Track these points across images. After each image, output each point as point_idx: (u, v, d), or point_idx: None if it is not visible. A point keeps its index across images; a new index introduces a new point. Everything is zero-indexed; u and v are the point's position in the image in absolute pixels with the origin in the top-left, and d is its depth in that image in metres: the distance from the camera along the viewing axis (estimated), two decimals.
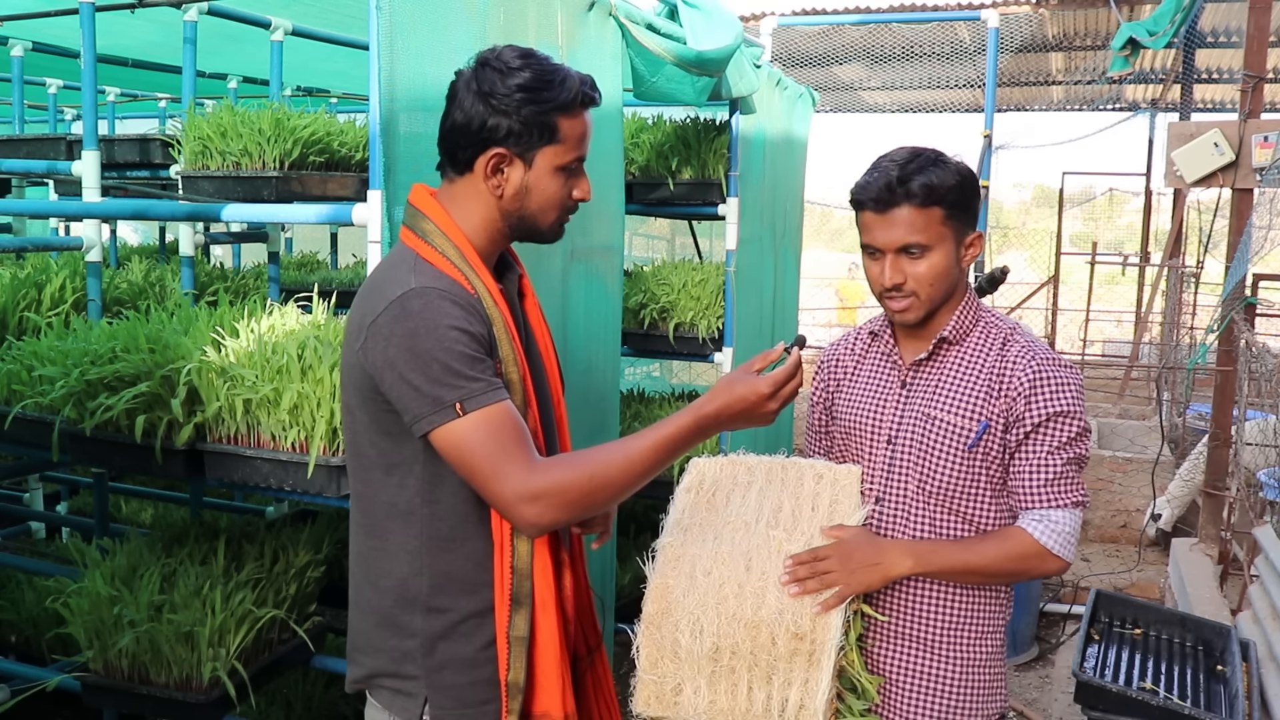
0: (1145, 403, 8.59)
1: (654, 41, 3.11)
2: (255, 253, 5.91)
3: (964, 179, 1.75)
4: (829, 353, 2.02)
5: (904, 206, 1.70)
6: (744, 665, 1.59)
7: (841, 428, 1.91)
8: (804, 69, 8.95)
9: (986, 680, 1.82)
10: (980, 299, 1.91)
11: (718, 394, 1.53)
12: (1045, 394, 1.73)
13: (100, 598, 2.31)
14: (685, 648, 1.60)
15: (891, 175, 1.70)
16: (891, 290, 1.76)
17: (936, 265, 1.73)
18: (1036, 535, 1.71)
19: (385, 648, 1.60)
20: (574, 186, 1.63)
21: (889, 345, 1.88)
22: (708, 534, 1.71)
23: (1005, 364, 1.77)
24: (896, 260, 1.73)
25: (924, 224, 1.71)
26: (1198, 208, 8.85)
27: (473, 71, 1.56)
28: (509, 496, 1.45)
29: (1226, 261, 4.93)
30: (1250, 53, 4.80)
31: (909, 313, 1.77)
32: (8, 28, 4.15)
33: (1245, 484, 4.55)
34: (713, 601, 1.61)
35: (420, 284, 1.49)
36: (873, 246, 1.76)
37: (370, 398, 1.53)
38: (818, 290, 15.35)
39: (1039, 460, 1.73)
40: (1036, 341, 1.82)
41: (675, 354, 3.94)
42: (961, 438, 1.75)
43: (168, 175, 3.18)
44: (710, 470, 1.85)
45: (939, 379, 1.81)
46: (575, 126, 1.58)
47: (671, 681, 1.61)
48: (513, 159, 1.56)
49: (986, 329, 1.82)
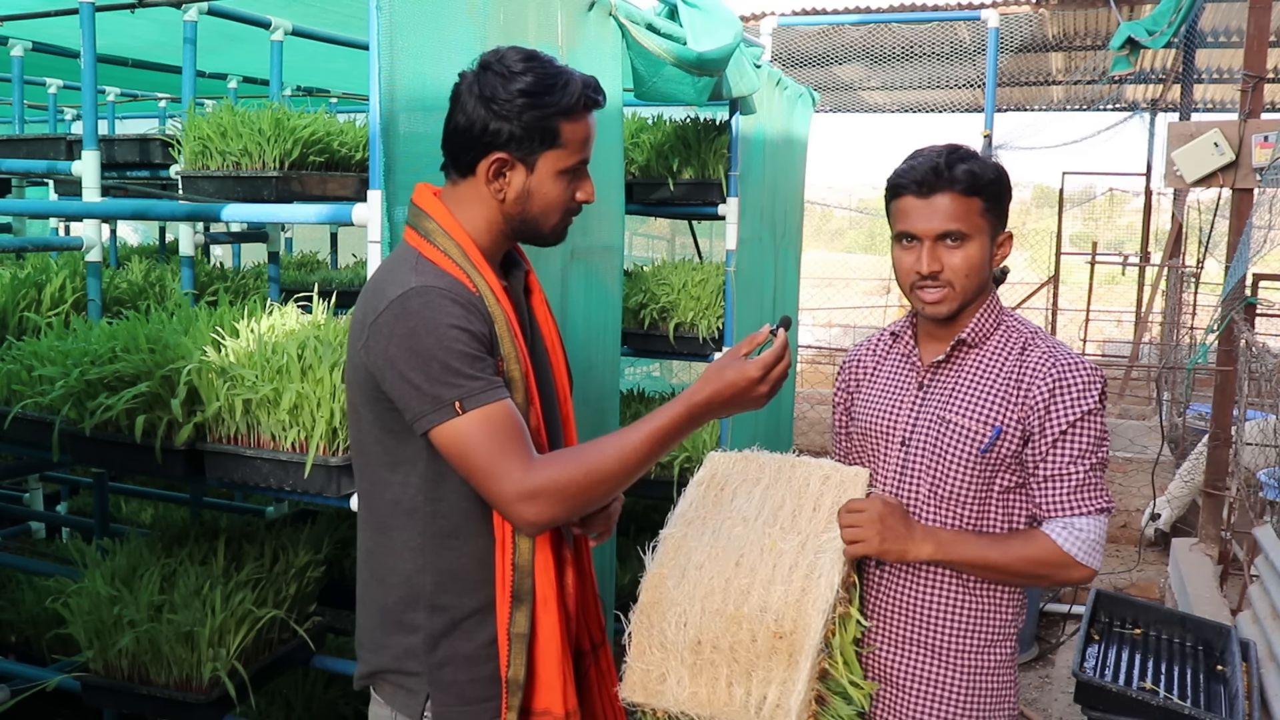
0: (1145, 403, 8.60)
1: (654, 42, 3.11)
2: (255, 253, 5.90)
3: (1001, 175, 1.75)
4: (852, 354, 2.01)
5: (946, 193, 1.70)
6: (724, 660, 1.60)
7: (858, 428, 1.91)
8: (804, 69, 8.95)
9: (995, 688, 1.78)
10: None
11: (708, 381, 1.53)
12: (1067, 400, 1.70)
13: (100, 598, 2.31)
14: (671, 638, 1.62)
15: (937, 161, 1.71)
16: (927, 279, 1.74)
17: (973, 257, 1.72)
18: (1061, 543, 1.69)
19: (389, 644, 1.61)
20: (577, 189, 1.62)
21: (909, 346, 1.87)
22: (708, 528, 1.72)
23: (1024, 370, 1.74)
24: (934, 248, 1.72)
25: (964, 212, 1.71)
26: (1198, 208, 8.85)
27: (475, 75, 1.55)
28: (507, 495, 1.46)
29: (1226, 261, 4.93)
30: (1250, 53, 4.80)
31: (942, 304, 1.75)
32: (8, 28, 4.15)
33: (1245, 484, 4.55)
34: (699, 595, 1.62)
35: (421, 283, 1.50)
36: (910, 233, 1.74)
37: (374, 396, 1.54)
38: (818, 290, 15.36)
39: (1062, 467, 1.70)
40: (1059, 346, 1.78)
41: (675, 354, 3.93)
42: (975, 442, 1.74)
43: (168, 175, 3.18)
44: (724, 465, 1.87)
45: (955, 382, 1.79)
46: (578, 130, 1.57)
47: (657, 670, 1.63)
48: (514, 163, 1.56)
49: (1007, 333, 1.80)
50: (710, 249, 5.52)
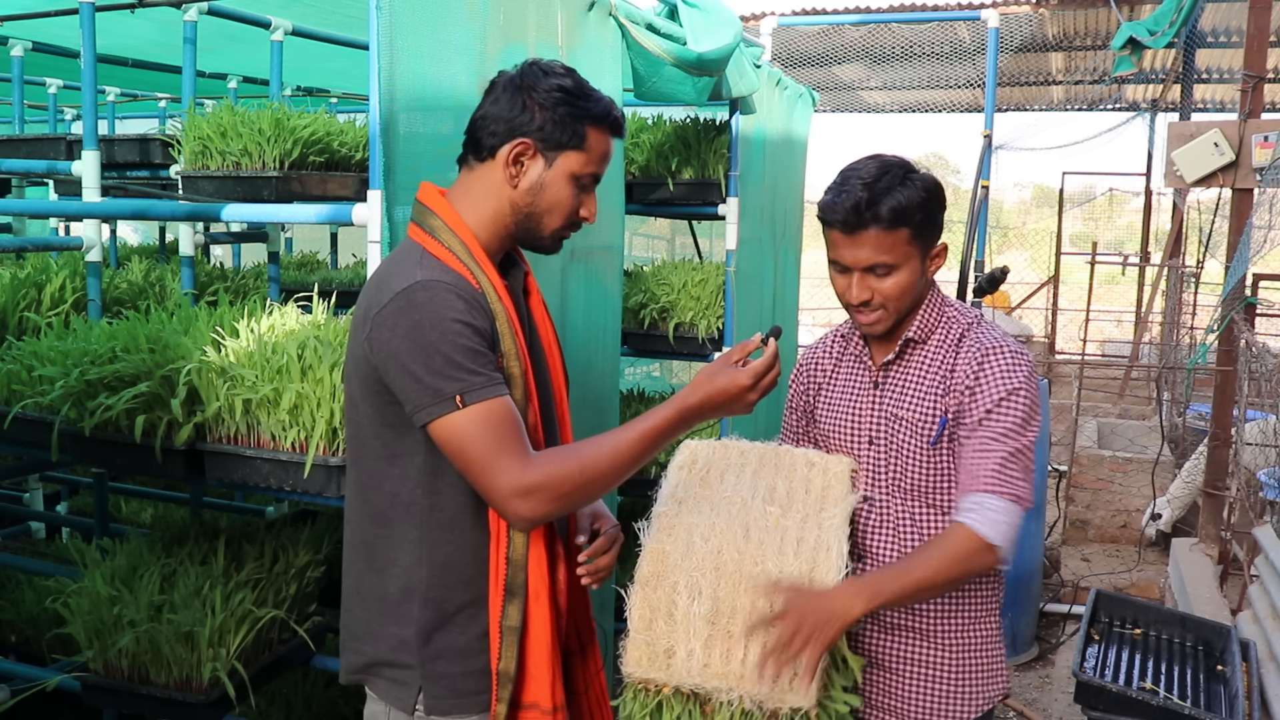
0: (1145, 403, 8.59)
1: (653, 42, 3.10)
2: (255, 253, 5.90)
3: (930, 195, 1.75)
4: (807, 358, 2.04)
5: (871, 229, 1.71)
6: (742, 630, 1.60)
7: (823, 431, 1.95)
8: (804, 69, 8.95)
9: (984, 665, 1.83)
10: (979, 298, 1.93)
11: (700, 386, 1.58)
12: (992, 380, 1.73)
13: (100, 598, 2.31)
14: (682, 610, 1.61)
15: (860, 197, 1.70)
16: (860, 306, 1.78)
17: (903, 281, 1.76)
18: (973, 525, 1.65)
19: (384, 635, 1.62)
20: (583, 203, 1.66)
21: (859, 348, 1.92)
22: (703, 506, 1.74)
23: (957, 359, 1.79)
24: (864, 278, 1.76)
25: (890, 244, 1.73)
26: (1198, 208, 8.85)
27: (518, 69, 1.62)
28: (503, 490, 1.47)
29: (1226, 261, 4.93)
30: (1250, 53, 4.80)
31: (877, 325, 1.81)
32: (8, 28, 4.15)
33: (1245, 484, 4.55)
34: (711, 565, 1.63)
35: (426, 277, 1.52)
36: (839, 263, 1.78)
37: (374, 389, 1.55)
38: (818, 290, 15.35)
39: (984, 444, 1.71)
40: (990, 329, 1.82)
41: (675, 354, 3.93)
42: (924, 435, 1.78)
43: (168, 175, 3.17)
44: (703, 451, 1.90)
45: (905, 379, 1.84)
46: (601, 142, 1.63)
47: (664, 644, 1.62)
48: (536, 154, 1.60)
49: (948, 325, 1.84)
50: (710, 249, 5.51)
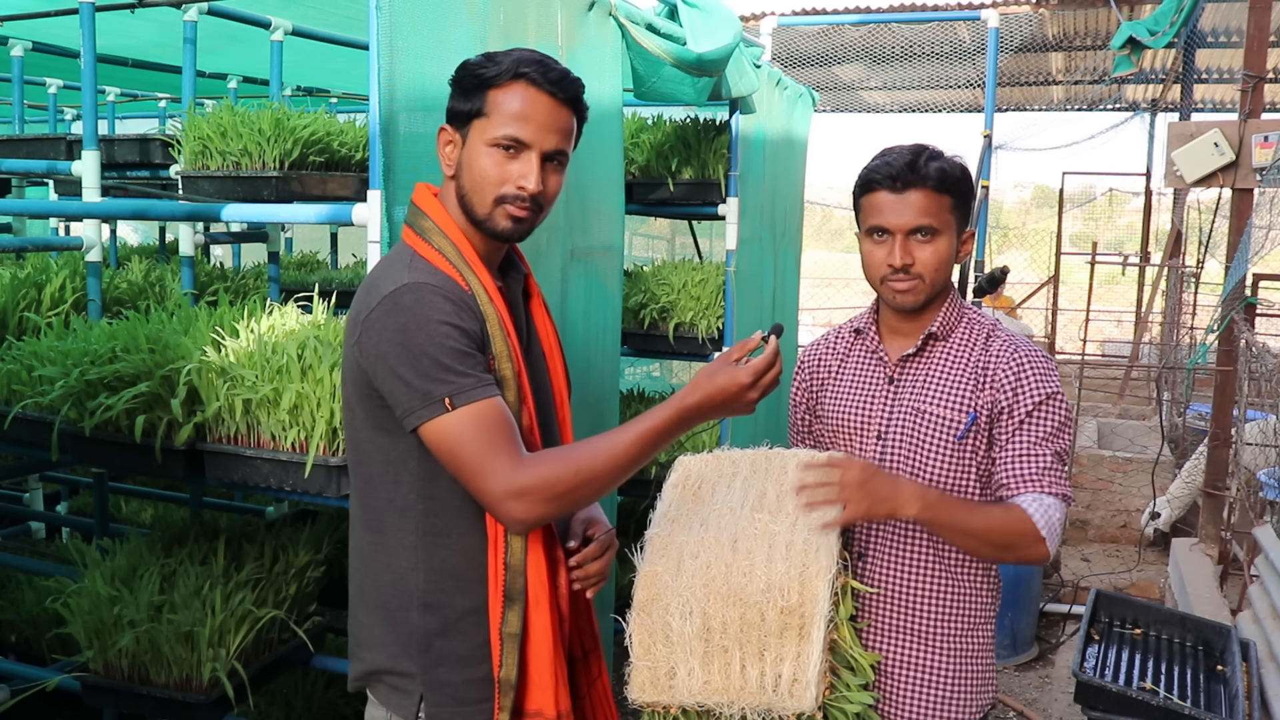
0: (1145, 403, 8.59)
1: (653, 42, 3.10)
2: (255, 253, 5.90)
3: (968, 175, 1.83)
4: (809, 352, 2.05)
5: (919, 189, 1.76)
6: (735, 643, 1.60)
7: (829, 426, 1.95)
8: (804, 69, 8.95)
9: (979, 671, 1.86)
10: (979, 298, 1.96)
11: (699, 385, 1.54)
12: (1032, 382, 1.79)
13: (100, 598, 2.30)
14: (676, 630, 1.62)
15: (912, 157, 1.77)
16: (898, 272, 1.79)
17: (941, 251, 1.79)
18: (1033, 516, 1.71)
19: (385, 642, 1.61)
20: (516, 173, 1.56)
21: (874, 342, 1.92)
22: (694, 522, 1.74)
23: (990, 358, 1.82)
24: (906, 242, 1.78)
25: (936, 208, 1.77)
26: (1198, 208, 8.84)
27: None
28: (496, 492, 1.46)
29: (1226, 261, 4.93)
30: (1250, 53, 4.80)
31: (910, 295, 1.81)
32: (8, 28, 4.15)
33: (1245, 484, 4.55)
34: (700, 583, 1.63)
35: (414, 279, 1.51)
36: (882, 228, 1.80)
37: (367, 394, 1.54)
38: (818, 290, 15.36)
39: (1030, 447, 1.76)
40: (1016, 335, 1.88)
41: (675, 354, 3.94)
42: (951, 430, 1.80)
43: (168, 175, 3.17)
44: (696, 466, 1.90)
45: (927, 374, 1.85)
46: (509, 101, 1.55)
47: (665, 666, 1.63)
48: (454, 134, 1.61)
49: (970, 324, 1.88)
50: (710, 249, 5.51)
